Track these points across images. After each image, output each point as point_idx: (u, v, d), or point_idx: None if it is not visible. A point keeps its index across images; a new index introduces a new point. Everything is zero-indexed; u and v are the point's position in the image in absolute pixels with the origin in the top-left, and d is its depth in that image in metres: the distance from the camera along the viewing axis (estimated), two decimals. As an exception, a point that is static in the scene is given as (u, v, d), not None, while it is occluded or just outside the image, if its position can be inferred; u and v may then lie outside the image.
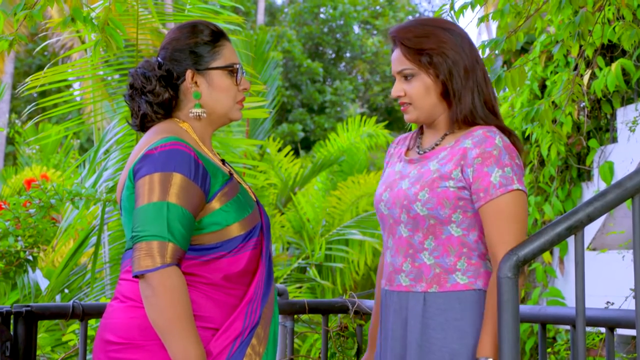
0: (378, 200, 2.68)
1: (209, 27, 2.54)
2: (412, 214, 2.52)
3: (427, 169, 2.55)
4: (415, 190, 2.52)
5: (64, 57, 14.24)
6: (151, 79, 2.50)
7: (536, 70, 6.91)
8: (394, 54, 2.63)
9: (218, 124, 2.57)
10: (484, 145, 2.48)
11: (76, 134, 16.12)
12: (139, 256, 2.22)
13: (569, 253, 6.73)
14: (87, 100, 7.03)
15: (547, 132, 4.23)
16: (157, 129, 2.45)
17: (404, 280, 2.57)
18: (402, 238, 2.57)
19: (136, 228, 2.27)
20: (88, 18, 3.24)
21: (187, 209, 2.29)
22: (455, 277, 2.50)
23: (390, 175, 2.68)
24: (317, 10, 28.19)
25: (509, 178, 2.47)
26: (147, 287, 2.23)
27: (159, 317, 2.24)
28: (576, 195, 6.72)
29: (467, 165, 2.48)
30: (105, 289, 5.75)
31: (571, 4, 3.78)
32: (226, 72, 2.50)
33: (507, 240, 2.47)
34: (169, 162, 2.30)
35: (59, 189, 4.36)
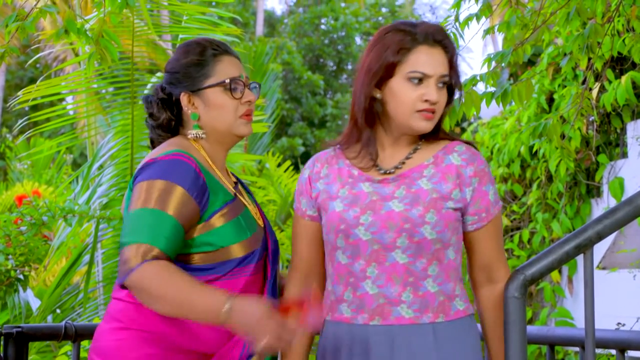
0: (352, 224, 2.44)
1: (201, 45, 2.55)
2: (417, 238, 2.40)
3: (419, 189, 2.45)
4: (418, 212, 2.41)
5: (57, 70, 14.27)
6: (152, 103, 2.57)
7: (544, 84, 6.92)
8: (435, 55, 2.46)
9: (226, 142, 2.57)
10: (477, 163, 2.49)
11: (69, 148, 16.14)
12: (119, 263, 2.25)
13: (578, 272, 6.72)
14: (80, 114, 7.04)
15: (556, 148, 4.23)
16: (167, 142, 2.50)
17: (405, 312, 2.41)
18: (397, 265, 2.41)
19: (124, 232, 2.30)
20: (82, 30, 3.25)
21: (179, 221, 2.30)
22: (456, 304, 2.47)
23: (363, 197, 2.48)
24: (317, 21, 28.25)
25: (497, 194, 2.54)
26: (134, 291, 2.24)
27: (162, 307, 2.23)
28: (585, 212, 6.72)
29: (465, 184, 2.46)
30: (99, 309, 5.74)
31: (579, 16, 3.79)
32: (221, 88, 2.51)
33: (503, 257, 2.55)
34: (168, 172, 2.33)
35: (51, 206, 4.36)
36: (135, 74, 5.51)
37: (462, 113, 3.82)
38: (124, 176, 5.59)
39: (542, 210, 7.00)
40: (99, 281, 5.89)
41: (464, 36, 3.97)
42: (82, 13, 9.61)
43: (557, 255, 2.48)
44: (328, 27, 28.34)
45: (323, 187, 2.56)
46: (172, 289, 2.21)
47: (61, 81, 5.56)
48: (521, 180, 7.50)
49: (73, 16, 3.22)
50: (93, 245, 5.12)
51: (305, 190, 2.61)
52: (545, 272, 2.48)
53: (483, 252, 2.52)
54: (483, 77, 3.90)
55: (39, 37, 5.79)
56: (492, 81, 3.92)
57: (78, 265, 5.50)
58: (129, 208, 2.33)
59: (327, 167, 2.59)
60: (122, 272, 2.23)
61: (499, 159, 7.52)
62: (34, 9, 3.20)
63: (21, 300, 5.07)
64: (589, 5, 3.81)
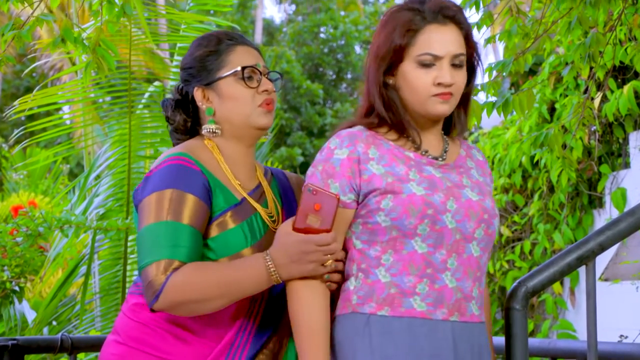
0: (441, 209, 2.24)
1: (216, 36, 2.48)
2: (491, 230, 2.30)
3: (477, 179, 2.37)
4: (491, 203, 2.31)
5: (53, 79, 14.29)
6: (167, 105, 2.49)
7: (545, 93, 6.93)
8: (448, 33, 2.30)
9: (245, 136, 2.45)
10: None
11: (66, 158, 16.13)
12: (144, 288, 2.19)
13: (580, 284, 6.72)
14: (77, 123, 7.04)
15: (557, 158, 4.23)
16: (173, 147, 2.44)
17: (475, 310, 2.29)
18: (472, 258, 2.28)
19: (139, 255, 2.23)
20: (79, 39, 3.25)
21: (196, 227, 2.24)
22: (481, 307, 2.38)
23: (437, 181, 2.29)
24: (317, 29, 28.29)
25: None
26: (171, 311, 2.20)
27: (212, 305, 2.21)
28: (587, 223, 6.72)
29: (491, 181, 2.46)
30: (95, 321, 5.73)
31: (581, 25, 3.80)
32: (235, 77, 2.42)
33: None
34: (172, 179, 2.26)
35: (47, 217, 4.36)
36: (132, 83, 5.52)
37: (463, 123, 3.82)
38: (121, 186, 5.59)
39: (544, 221, 7.00)
40: (95, 293, 5.89)
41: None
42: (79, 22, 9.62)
43: (558, 266, 2.47)
44: (327, 36, 28.38)
45: (383, 169, 2.29)
46: (212, 285, 2.18)
47: (58, 90, 5.57)
48: (522, 191, 7.49)
49: (70, 25, 3.23)
50: (90, 256, 5.12)
51: (341, 172, 2.30)
52: (547, 284, 2.48)
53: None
54: (484, 87, 3.91)
55: (36, 46, 5.80)
56: (493, 91, 3.92)
57: (74, 276, 5.50)
58: (140, 225, 2.25)
59: (375, 147, 2.32)
60: (149, 296, 2.16)
61: (500, 169, 7.52)
62: (31, 17, 3.20)
63: (17, 312, 5.06)
64: (590, 14, 3.82)
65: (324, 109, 26.75)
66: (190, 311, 2.20)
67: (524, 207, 7.43)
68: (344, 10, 30.08)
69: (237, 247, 2.33)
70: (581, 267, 2.53)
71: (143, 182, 2.33)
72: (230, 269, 2.21)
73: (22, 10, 3.34)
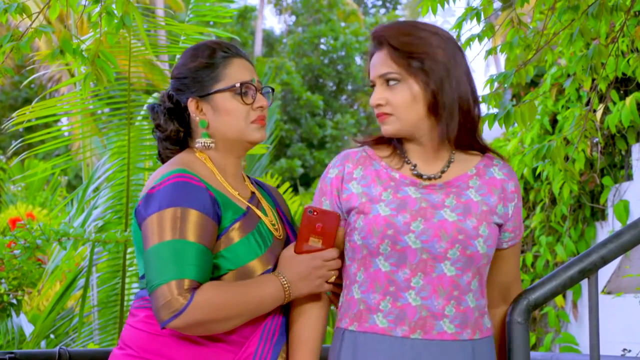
0: (403, 230, 2.34)
1: (210, 47, 2.48)
2: (470, 251, 2.33)
3: (469, 200, 2.39)
4: (472, 224, 2.34)
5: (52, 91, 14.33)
6: (159, 113, 2.48)
7: (547, 105, 6.93)
8: (377, 56, 2.42)
9: (238, 149, 2.49)
10: (515, 179, 2.47)
11: (64, 170, 16.13)
12: (157, 307, 2.19)
13: (582, 297, 6.71)
14: (75, 135, 7.05)
15: (559, 170, 4.24)
16: (170, 161, 2.43)
17: (448, 327, 2.34)
18: (444, 277, 2.33)
19: (149, 275, 2.23)
20: (78, 50, 3.26)
21: (202, 244, 2.24)
22: (486, 321, 2.43)
23: (410, 202, 2.37)
24: (317, 40, 28.34)
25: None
26: (191, 329, 2.22)
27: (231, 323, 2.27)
28: (590, 235, 6.71)
29: (508, 199, 2.43)
30: (94, 334, 5.73)
31: (583, 36, 3.81)
32: (231, 93, 2.43)
33: (519, 278, 2.54)
34: (176, 197, 2.26)
35: (45, 229, 4.35)
36: (131, 94, 5.53)
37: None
38: (120, 198, 5.59)
39: (546, 233, 7.00)
40: (93, 306, 5.88)
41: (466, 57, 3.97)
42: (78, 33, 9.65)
43: (561, 279, 2.48)
44: (328, 47, 28.44)
45: (359, 189, 2.42)
46: (234, 306, 2.24)
47: (56, 102, 5.56)
48: (524, 203, 7.50)
49: (69, 36, 3.23)
50: (88, 269, 5.12)
51: (330, 191, 2.46)
52: (549, 297, 2.48)
53: (508, 270, 2.50)
54: (485, 99, 3.91)
55: (34, 57, 5.81)
56: (495, 102, 3.93)
57: (72, 289, 5.50)
58: (147, 245, 2.25)
59: (362, 168, 2.45)
60: (166, 315, 2.17)
61: (502, 181, 7.51)
62: (29, 28, 3.21)
63: (14, 326, 5.06)
64: (592, 26, 3.83)
65: (324, 121, 26.76)
66: (208, 330, 2.25)
67: (526, 219, 7.43)
68: (344, 21, 30.13)
69: (251, 256, 2.36)
70: (584, 280, 2.53)
71: (145, 199, 2.32)
72: (251, 289, 2.28)
73: (21, 22, 3.35)
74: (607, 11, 3.76)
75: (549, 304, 6.89)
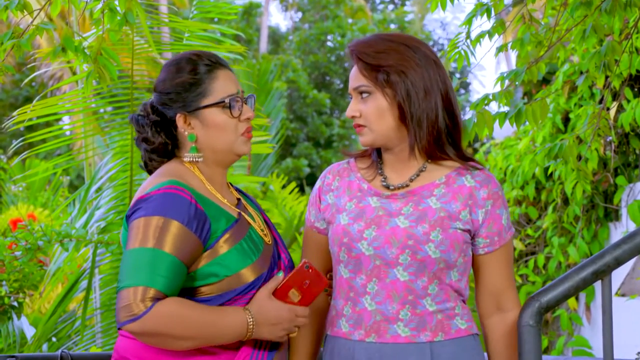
0: (356, 237, 2.50)
1: (192, 60, 2.51)
2: (420, 256, 2.43)
3: (427, 207, 2.48)
4: (423, 229, 2.44)
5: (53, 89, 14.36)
6: (144, 125, 2.53)
7: (559, 103, 6.93)
8: (352, 70, 2.57)
9: (225, 161, 2.54)
10: (491, 186, 2.52)
11: (66, 170, 16.17)
12: (118, 307, 2.24)
13: (596, 299, 6.70)
14: (77, 134, 7.06)
15: (572, 169, 4.23)
16: (159, 170, 2.48)
17: (402, 331, 2.45)
18: (397, 282, 2.45)
19: (121, 274, 2.27)
20: (80, 48, 3.26)
21: (179, 258, 2.28)
22: (457, 323, 2.49)
23: (369, 211, 2.53)
24: (323, 37, 28.35)
25: (509, 220, 2.56)
26: (144, 337, 2.25)
27: (185, 344, 2.27)
28: (603, 236, 6.71)
29: (477, 205, 2.49)
30: (96, 337, 5.73)
31: (596, 33, 3.80)
32: (220, 107, 2.48)
33: (514, 285, 2.56)
34: (164, 207, 2.31)
35: (47, 230, 4.36)
36: (134, 92, 5.53)
37: (475, 133, 3.82)
38: (122, 199, 5.60)
39: (558, 234, 6.99)
40: (96, 308, 5.89)
41: (476, 54, 3.98)
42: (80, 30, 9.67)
43: (573, 281, 2.48)
44: (335, 44, 28.45)
45: (332, 200, 2.62)
46: (192, 325, 2.25)
47: (58, 101, 5.57)
48: (536, 203, 7.49)
49: (71, 33, 3.24)
50: (91, 270, 5.12)
51: (314, 202, 2.68)
52: (561, 299, 2.48)
53: (492, 278, 2.54)
54: (496, 97, 3.91)
55: (35, 55, 5.81)
56: (506, 100, 3.92)
57: (75, 291, 5.50)
58: (126, 248, 2.31)
59: (339, 179, 2.64)
60: (124, 317, 2.21)
61: (513, 180, 7.52)
62: (30, 26, 3.22)
63: (15, 329, 5.06)
64: (605, 22, 3.82)
65: (331, 119, 26.77)
66: (160, 343, 2.27)
67: (538, 219, 7.43)
68: (351, 17, 30.14)
69: (245, 262, 2.40)
70: (597, 282, 2.53)
71: (136, 203, 2.37)
72: (214, 314, 2.30)
73: (22, 19, 3.36)
74: (621, 7, 3.75)
75: (561, 306, 6.88)
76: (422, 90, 2.47)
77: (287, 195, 11.94)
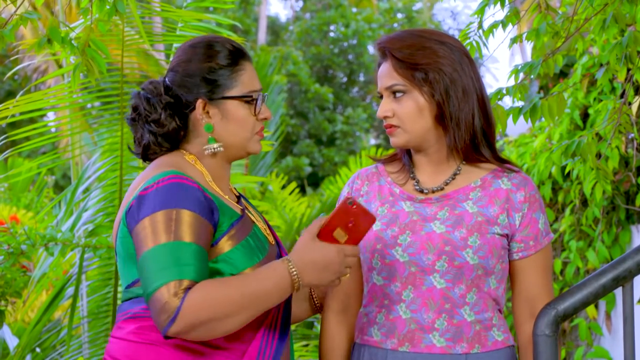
0: (390, 243, 2.56)
1: (227, 47, 2.52)
2: (458, 262, 2.47)
3: (464, 211, 2.51)
4: (461, 235, 2.47)
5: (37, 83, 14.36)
6: (156, 106, 2.50)
7: (577, 97, 6.92)
8: (382, 68, 2.60)
9: (234, 157, 2.56)
10: (528, 188, 2.55)
11: (51, 170, 16.17)
12: (155, 314, 2.20)
13: (616, 307, 6.70)
14: (63, 131, 7.06)
15: (591, 169, 4.23)
16: (158, 162, 2.46)
17: (437, 341, 2.48)
18: (434, 290, 2.49)
19: (145, 281, 2.24)
20: (67, 39, 3.26)
21: (198, 244, 2.27)
22: (493, 334, 2.52)
23: (401, 216, 2.57)
24: (326, 28, 28.34)
25: (548, 225, 2.58)
26: (191, 334, 2.22)
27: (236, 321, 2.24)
28: (624, 240, 6.70)
29: (514, 209, 2.52)
30: (83, 347, 5.74)
31: (617, 22, 3.80)
32: (244, 101, 2.49)
33: (551, 293, 2.57)
34: (169, 198, 2.30)
35: (30, 233, 4.37)
36: (124, 87, 5.53)
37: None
38: (112, 200, 5.60)
39: (576, 237, 6.99)
40: (83, 317, 5.89)
41: (489, 45, 3.98)
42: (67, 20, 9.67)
43: (592, 288, 2.48)
44: (338, 35, 28.42)
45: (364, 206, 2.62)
46: (234, 299, 2.22)
47: (42, 95, 5.57)
48: (552, 205, 7.49)
49: (57, 24, 3.24)
50: (77, 276, 5.13)
51: None
52: (579, 307, 2.49)
53: (528, 284, 2.56)
54: (510, 91, 3.91)
55: (19, 46, 5.82)
56: (520, 95, 3.92)
57: (60, 299, 5.50)
58: (141, 250, 2.28)
59: (368, 184, 2.70)
60: (164, 321, 2.18)
61: (528, 180, 7.51)
62: (14, 15, 3.22)
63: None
64: (627, 11, 3.82)
65: (334, 115, 26.77)
66: (210, 331, 2.23)
67: (555, 222, 7.42)
68: (355, 6, 30.15)
69: (252, 260, 2.41)
70: (618, 289, 2.53)
71: (137, 201, 2.35)
72: (250, 279, 2.27)
73: (4, 8, 3.36)
74: (643, -5, 3.75)
75: (579, 315, 6.88)
76: (460, 89, 2.51)
77: (287, 196, 11.94)
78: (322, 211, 10.85)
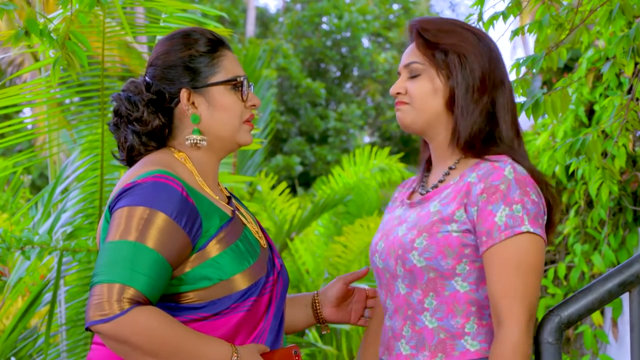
0: (373, 251, 2.64)
1: (205, 35, 2.55)
2: (408, 265, 2.47)
3: (426, 211, 2.52)
4: (411, 236, 2.48)
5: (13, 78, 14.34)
6: (137, 104, 2.51)
7: (582, 93, 6.94)
8: (408, 48, 2.65)
9: (224, 150, 2.56)
10: (490, 179, 2.45)
11: (27, 169, 16.15)
12: (89, 304, 2.22)
13: (623, 314, 6.72)
14: (40, 128, 7.05)
15: (597, 168, 4.24)
16: (145, 160, 2.47)
17: (404, 349, 2.50)
18: (400, 296, 2.52)
19: (97, 268, 2.26)
20: (45, 31, 3.26)
21: (163, 255, 2.28)
22: (464, 343, 2.45)
23: (389, 222, 2.65)
24: (318, 19, 28.34)
25: (518, 218, 2.41)
26: (112, 342, 2.23)
27: (142, 358, 2.24)
28: (631, 243, 6.72)
29: (470, 203, 2.46)
30: (61, 356, 5.74)
31: (624, 14, 3.81)
32: (229, 86, 2.51)
33: (514, 295, 2.38)
34: (151, 197, 2.31)
35: (6, 236, 4.37)
36: (105, 81, 5.53)
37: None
38: (92, 201, 5.59)
39: (581, 240, 7.01)
40: (61, 324, 5.89)
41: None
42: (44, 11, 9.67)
43: (598, 294, 2.49)
44: (330, 27, 28.42)
45: (386, 213, 2.79)
46: (168, 346, 2.23)
47: (18, 90, 5.57)
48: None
49: (34, 15, 3.24)
50: (55, 281, 5.13)
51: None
52: (584, 314, 2.49)
53: (489, 282, 2.43)
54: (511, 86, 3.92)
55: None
56: (522, 90, 3.93)
57: (37, 305, 5.50)
58: (106, 238, 2.31)
59: (399, 190, 2.83)
60: (94, 315, 2.20)
61: (531, 180, 7.52)
62: (-12, 7, 3.21)
63: (-29, 347, 5.07)
64: (635, 2, 3.83)
65: (327, 111, 26.78)
66: (127, 355, 2.25)
67: (559, 224, 7.44)
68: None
69: (242, 266, 2.41)
70: (624, 295, 2.54)
71: (122, 191, 2.37)
72: (195, 338, 2.29)
73: (-22, -2, 3.35)
74: (652, -15, 3.77)
75: (584, 322, 6.90)
76: (478, 80, 2.53)
77: (277, 196, 11.92)
78: (313, 213, 10.84)
